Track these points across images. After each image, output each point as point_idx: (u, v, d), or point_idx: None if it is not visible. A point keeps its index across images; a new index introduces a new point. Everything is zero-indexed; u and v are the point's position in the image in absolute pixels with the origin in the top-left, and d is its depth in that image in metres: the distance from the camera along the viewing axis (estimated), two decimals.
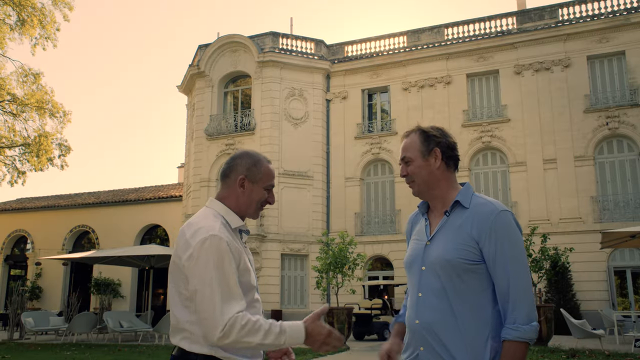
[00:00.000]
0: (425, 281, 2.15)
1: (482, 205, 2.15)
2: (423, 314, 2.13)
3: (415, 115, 23.36)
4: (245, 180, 2.23)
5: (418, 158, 2.26)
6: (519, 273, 2.05)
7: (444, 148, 2.25)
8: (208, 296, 1.97)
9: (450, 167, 2.27)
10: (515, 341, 2.00)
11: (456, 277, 2.08)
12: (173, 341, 2.12)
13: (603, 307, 18.48)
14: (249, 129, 23.86)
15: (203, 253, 2.01)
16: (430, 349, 2.09)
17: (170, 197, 26.93)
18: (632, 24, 20.90)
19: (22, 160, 24.15)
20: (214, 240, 2.03)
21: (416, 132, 2.32)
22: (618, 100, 20.93)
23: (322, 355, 11.99)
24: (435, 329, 2.08)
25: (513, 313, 2.02)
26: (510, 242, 2.07)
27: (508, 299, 2.03)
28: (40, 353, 12.68)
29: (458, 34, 23.78)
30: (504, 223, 2.09)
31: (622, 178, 20.49)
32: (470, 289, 2.08)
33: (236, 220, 2.21)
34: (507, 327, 2.02)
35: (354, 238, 19.53)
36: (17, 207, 30.37)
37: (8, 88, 23.27)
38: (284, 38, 24.84)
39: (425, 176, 2.25)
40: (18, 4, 22.20)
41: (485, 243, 2.08)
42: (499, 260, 2.06)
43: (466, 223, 2.12)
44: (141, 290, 26.79)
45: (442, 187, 2.25)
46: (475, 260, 2.08)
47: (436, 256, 2.13)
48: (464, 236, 2.11)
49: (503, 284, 2.05)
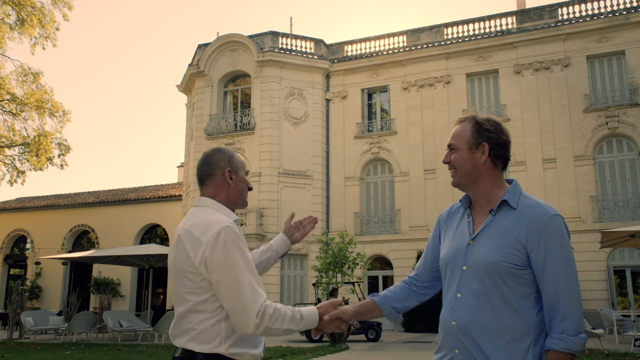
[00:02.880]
0: (465, 282, 2.04)
1: (532, 207, 2.02)
2: (461, 315, 2.03)
3: (415, 114, 23.39)
4: (231, 172, 2.29)
5: (464, 149, 2.14)
6: (569, 281, 1.93)
7: (494, 145, 2.12)
8: (235, 285, 2.00)
9: (497, 166, 2.13)
10: (561, 352, 1.89)
11: (500, 280, 1.98)
12: (177, 343, 2.11)
13: (602, 306, 18.49)
14: (249, 129, 23.86)
15: (221, 245, 2.03)
16: (466, 351, 1.99)
17: (170, 197, 26.92)
18: (631, 23, 20.90)
19: (22, 159, 24.13)
20: (229, 230, 2.06)
21: (470, 122, 2.18)
22: (618, 99, 20.94)
23: (321, 355, 12.01)
24: (472, 331, 1.99)
25: (562, 323, 1.90)
26: (560, 248, 1.95)
27: (557, 307, 1.92)
28: (39, 352, 12.68)
29: (458, 34, 23.78)
30: (555, 228, 1.97)
31: (621, 178, 20.50)
32: (514, 293, 1.98)
33: (231, 214, 2.24)
34: (554, 336, 1.91)
35: (353, 237, 19.56)
36: (16, 207, 30.37)
37: (7, 87, 23.24)
38: (284, 37, 24.84)
39: (469, 169, 2.12)
40: (17, 4, 22.17)
41: (533, 248, 1.96)
42: (548, 267, 1.94)
43: (514, 225, 2.01)
44: (141, 289, 26.79)
45: (486, 184, 2.12)
46: (522, 265, 1.97)
47: (480, 257, 2.02)
48: (511, 239, 1.99)
49: (551, 292, 1.93)
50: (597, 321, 16.93)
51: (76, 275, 28.05)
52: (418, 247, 21.10)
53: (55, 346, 14.43)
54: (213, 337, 2.05)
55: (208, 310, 2.06)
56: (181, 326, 2.09)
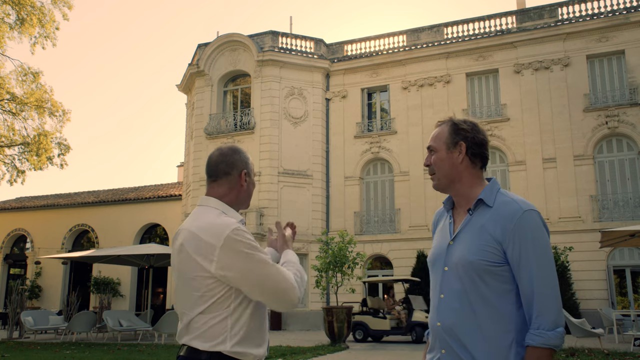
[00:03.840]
0: (447, 282, 2.08)
1: (506, 204, 2.04)
2: (444, 316, 2.06)
3: (415, 114, 23.39)
4: (247, 174, 2.31)
5: (442, 149, 2.19)
6: (544, 277, 1.95)
7: (471, 143, 2.16)
8: (266, 279, 2.07)
9: (476, 164, 2.17)
10: (539, 347, 1.91)
11: (479, 279, 2.00)
12: (182, 341, 2.13)
13: (602, 306, 18.48)
14: (249, 128, 23.85)
15: (237, 246, 2.05)
16: (452, 352, 2.03)
17: (170, 196, 26.91)
18: (631, 23, 20.89)
19: (22, 159, 24.11)
20: (239, 231, 2.08)
21: (447, 124, 2.23)
22: (617, 99, 20.94)
23: (321, 354, 11.99)
24: (457, 332, 2.01)
25: (538, 318, 1.93)
26: (535, 243, 1.96)
27: (533, 303, 1.94)
28: (39, 352, 12.68)
29: (457, 33, 23.77)
30: (529, 223, 1.98)
31: (621, 177, 20.50)
32: (493, 292, 2.00)
33: (237, 215, 2.25)
34: (532, 332, 1.93)
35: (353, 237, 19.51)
36: (16, 206, 30.35)
37: (7, 87, 23.22)
38: (284, 37, 24.83)
39: (447, 169, 2.17)
40: (17, 3, 22.16)
41: (509, 245, 1.98)
42: (523, 263, 1.96)
43: (489, 223, 2.04)
44: (141, 289, 26.78)
45: (464, 183, 2.17)
46: (499, 262, 2.00)
47: (459, 257, 2.06)
48: (487, 237, 2.02)
49: (528, 288, 1.95)
50: (597, 321, 16.93)
51: (76, 275, 28.04)
52: (418, 246, 21.11)
53: (55, 346, 14.43)
54: (218, 335, 2.05)
55: (216, 310, 2.07)
56: (189, 327, 2.10)
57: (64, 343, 15.36)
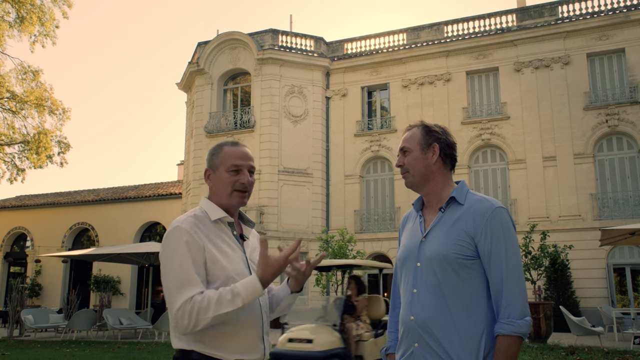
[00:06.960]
0: (420, 277, 2.16)
1: (478, 201, 2.17)
2: (418, 310, 2.14)
3: (415, 112, 23.37)
4: (209, 171, 2.29)
5: (416, 150, 2.29)
6: (513, 269, 2.07)
7: (443, 145, 2.29)
8: (166, 286, 2.05)
9: (447, 165, 2.30)
10: (509, 335, 2.01)
11: (452, 273, 2.10)
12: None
13: (602, 304, 18.50)
14: (249, 127, 23.85)
15: (164, 244, 2.10)
16: (425, 345, 2.10)
17: (170, 195, 26.92)
18: (631, 21, 20.87)
19: (22, 157, 24.12)
20: (174, 231, 2.09)
21: (419, 127, 2.36)
22: (618, 97, 20.92)
23: None
24: (430, 325, 2.09)
25: (507, 308, 2.03)
26: (505, 238, 2.09)
27: (502, 294, 2.05)
28: (39, 350, 12.69)
29: (458, 32, 23.75)
30: (500, 220, 2.11)
31: (621, 175, 20.49)
32: (466, 285, 2.09)
33: (216, 212, 2.21)
34: (501, 321, 2.03)
35: (353, 235, 19.57)
36: (16, 205, 30.36)
37: (7, 85, 23.22)
38: (284, 35, 24.81)
39: (422, 169, 2.28)
40: (17, 1, 22.14)
41: (480, 239, 2.10)
42: (493, 255, 2.08)
43: (462, 219, 2.15)
44: (141, 287, 26.80)
45: (437, 182, 2.28)
46: (471, 255, 2.10)
47: (432, 251, 2.15)
48: (459, 232, 2.13)
49: (497, 279, 2.07)
50: (596, 319, 16.95)
51: (76, 273, 28.05)
52: None
53: (56, 344, 14.44)
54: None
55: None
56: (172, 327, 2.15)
57: (64, 341, 15.36)
